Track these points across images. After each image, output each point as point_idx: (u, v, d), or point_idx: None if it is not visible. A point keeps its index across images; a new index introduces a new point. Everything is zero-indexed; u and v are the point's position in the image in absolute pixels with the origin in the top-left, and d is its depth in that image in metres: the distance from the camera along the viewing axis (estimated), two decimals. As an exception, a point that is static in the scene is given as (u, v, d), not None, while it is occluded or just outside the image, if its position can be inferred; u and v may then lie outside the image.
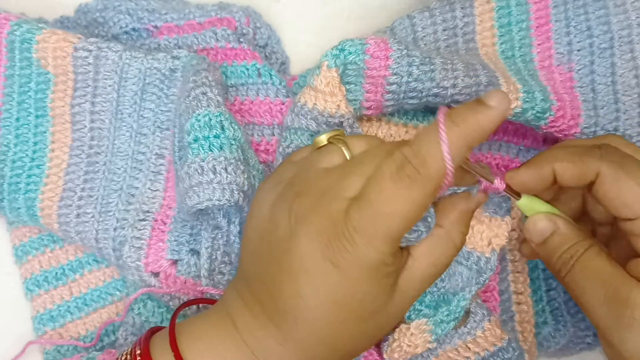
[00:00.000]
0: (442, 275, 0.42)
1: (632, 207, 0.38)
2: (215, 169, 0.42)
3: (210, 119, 0.43)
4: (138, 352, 0.38)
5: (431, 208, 0.38)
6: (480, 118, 0.33)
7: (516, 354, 0.44)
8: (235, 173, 0.42)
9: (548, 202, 0.42)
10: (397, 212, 0.34)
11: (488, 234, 0.42)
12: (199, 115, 0.43)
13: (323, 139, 0.40)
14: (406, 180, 0.34)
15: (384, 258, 0.35)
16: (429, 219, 0.37)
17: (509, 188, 0.40)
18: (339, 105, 0.43)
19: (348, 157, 0.38)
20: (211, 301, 0.44)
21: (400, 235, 0.35)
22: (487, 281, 0.42)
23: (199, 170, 0.42)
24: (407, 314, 0.43)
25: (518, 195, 0.41)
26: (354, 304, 0.35)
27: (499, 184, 0.39)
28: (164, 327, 0.41)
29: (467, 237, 0.41)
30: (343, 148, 0.38)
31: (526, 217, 0.42)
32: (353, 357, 0.39)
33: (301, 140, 0.45)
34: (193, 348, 0.38)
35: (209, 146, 0.42)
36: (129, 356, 0.38)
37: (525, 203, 0.41)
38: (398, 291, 0.37)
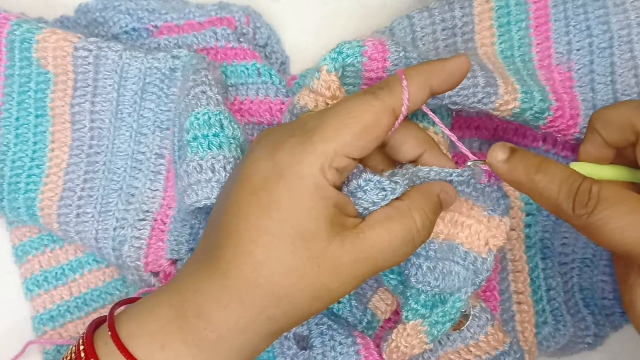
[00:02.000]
0: (437, 274, 0.41)
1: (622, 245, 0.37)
2: (214, 167, 0.42)
3: (210, 118, 0.43)
4: (82, 347, 0.37)
5: (397, 185, 0.38)
6: (439, 62, 0.38)
7: (517, 356, 0.44)
8: (238, 167, 0.42)
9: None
10: (355, 114, 0.36)
11: (486, 234, 0.41)
12: (198, 113, 0.43)
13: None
14: (369, 94, 0.37)
15: (327, 166, 0.35)
16: (388, 191, 0.37)
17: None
18: None
19: None
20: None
21: (351, 144, 0.35)
22: (483, 282, 0.41)
23: (198, 169, 0.42)
24: (404, 315, 0.43)
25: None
26: (287, 217, 0.35)
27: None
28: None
29: (465, 236, 0.40)
30: None
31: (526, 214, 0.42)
32: (292, 314, 0.36)
33: None
34: (132, 321, 0.37)
35: (208, 144, 0.42)
36: (74, 350, 0.38)
37: (577, 170, 0.40)
38: (340, 239, 0.35)
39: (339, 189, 0.37)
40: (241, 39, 0.49)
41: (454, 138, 0.41)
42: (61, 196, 0.49)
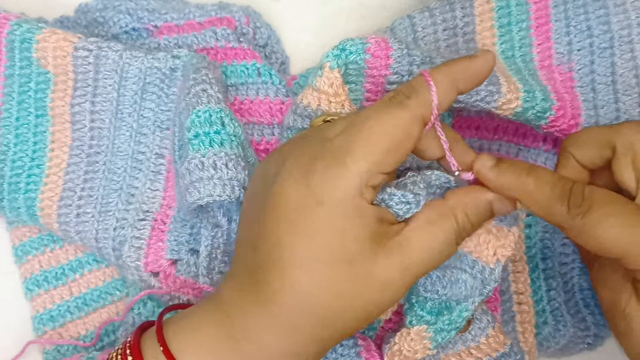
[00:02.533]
0: (445, 282, 0.41)
1: (614, 247, 0.37)
2: (216, 164, 0.42)
3: (211, 115, 0.43)
4: (128, 351, 0.38)
5: (423, 189, 0.37)
6: (465, 61, 0.37)
7: (517, 357, 0.44)
8: (236, 169, 0.42)
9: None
10: (384, 130, 0.35)
11: (495, 244, 0.41)
12: (199, 111, 0.43)
13: (319, 120, 0.40)
14: (396, 104, 0.35)
15: (363, 186, 0.34)
16: (420, 196, 0.37)
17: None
18: (343, 105, 0.43)
19: None
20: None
21: (383, 160, 0.35)
22: (490, 293, 0.41)
23: (200, 166, 0.42)
24: (408, 319, 0.43)
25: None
26: (328, 240, 0.34)
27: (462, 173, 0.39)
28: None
29: (474, 244, 0.40)
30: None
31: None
32: (336, 334, 0.37)
33: None
34: (178, 329, 0.37)
35: (210, 142, 0.42)
36: (120, 352, 0.38)
37: None
38: (386, 253, 0.35)
39: None
40: (241, 39, 0.49)
41: (445, 146, 0.40)
42: (61, 196, 0.48)
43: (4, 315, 0.51)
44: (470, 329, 0.43)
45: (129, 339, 0.38)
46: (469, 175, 0.39)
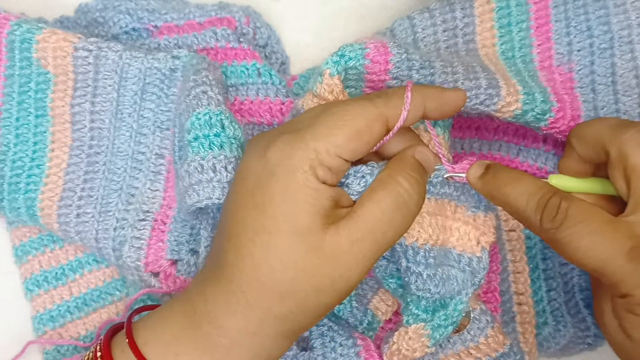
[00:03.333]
0: (436, 281, 0.41)
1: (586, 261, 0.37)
2: (215, 167, 0.42)
3: (211, 118, 0.43)
4: (98, 347, 0.38)
5: (374, 169, 0.38)
6: (439, 92, 0.40)
7: (517, 358, 0.44)
8: (235, 172, 0.42)
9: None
10: (349, 117, 0.36)
11: (475, 234, 0.42)
12: (199, 113, 0.43)
13: None
14: (366, 99, 0.37)
15: (317, 164, 0.35)
16: (374, 166, 0.38)
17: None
18: None
19: None
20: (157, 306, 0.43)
21: (343, 145, 0.36)
22: (482, 281, 0.42)
23: (199, 169, 0.42)
24: (405, 319, 0.43)
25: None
26: (280, 213, 0.35)
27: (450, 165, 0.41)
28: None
29: (455, 239, 0.41)
30: None
31: None
32: (302, 310, 0.36)
33: None
34: (148, 329, 0.38)
35: (209, 145, 0.42)
36: (90, 356, 0.38)
37: (556, 183, 0.40)
38: (335, 228, 0.35)
39: None
40: (241, 39, 0.49)
41: (440, 150, 0.41)
42: (61, 196, 0.48)
43: (4, 315, 0.51)
44: (469, 328, 0.43)
45: (100, 338, 0.39)
46: (462, 178, 0.41)
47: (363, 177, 0.38)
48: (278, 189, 0.35)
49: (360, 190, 0.38)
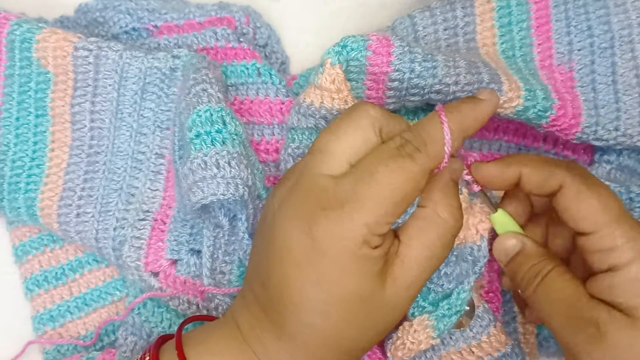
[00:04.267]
0: (451, 278, 0.42)
1: (590, 220, 0.37)
2: (218, 163, 0.41)
3: (212, 114, 0.43)
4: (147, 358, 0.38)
5: None
6: (473, 108, 0.37)
7: (519, 359, 0.44)
8: (238, 167, 0.42)
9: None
10: (395, 185, 0.34)
11: (473, 222, 0.42)
12: (200, 111, 0.43)
13: None
14: (406, 157, 0.35)
15: (370, 236, 0.34)
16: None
17: (487, 199, 0.41)
18: (346, 101, 0.43)
19: None
20: (212, 318, 0.44)
21: (392, 212, 0.35)
22: (482, 269, 0.42)
23: (202, 165, 0.42)
24: (410, 312, 0.43)
25: (495, 209, 0.41)
26: (339, 286, 0.35)
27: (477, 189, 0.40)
28: (173, 335, 0.41)
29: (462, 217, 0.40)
30: None
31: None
32: (357, 356, 0.38)
33: (310, 140, 0.45)
34: (198, 353, 0.38)
35: (212, 141, 0.42)
36: None
37: (500, 218, 0.41)
38: (392, 279, 0.36)
39: None
40: (241, 39, 0.49)
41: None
42: (61, 196, 0.48)
43: (4, 315, 0.51)
44: (471, 325, 0.43)
45: (148, 351, 0.39)
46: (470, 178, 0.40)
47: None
48: (332, 267, 0.34)
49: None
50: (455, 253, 0.42)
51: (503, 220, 0.41)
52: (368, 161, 0.35)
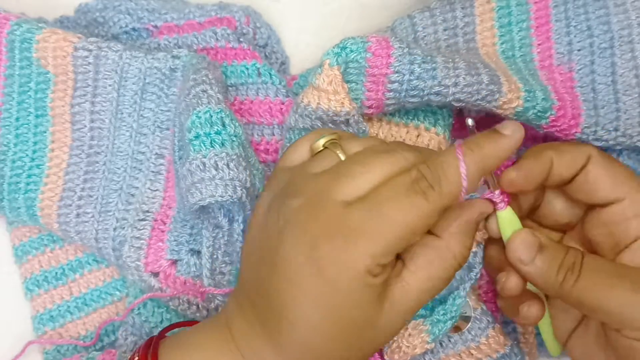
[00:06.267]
0: None
1: (626, 185, 0.38)
2: (217, 165, 0.42)
3: (211, 116, 0.43)
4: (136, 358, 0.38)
5: None
6: (495, 145, 0.36)
7: (518, 359, 0.44)
8: (237, 169, 0.42)
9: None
10: (404, 221, 0.34)
11: None
12: (199, 112, 0.43)
13: (320, 144, 0.39)
14: (420, 194, 0.34)
15: (373, 267, 0.34)
16: None
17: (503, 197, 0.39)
18: (343, 103, 0.43)
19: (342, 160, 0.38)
20: (195, 323, 0.43)
21: (398, 246, 0.34)
22: (478, 275, 0.42)
23: (201, 167, 0.42)
24: None
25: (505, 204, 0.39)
26: (338, 312, 0.35)
27: (498, 196, 0.38)
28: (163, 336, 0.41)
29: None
30: (338, 152, 0.38)
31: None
32: None
33: None
34: (188, 355, 0.38)
35: (211, 142, 0.42)
36: None
37: (508, 215, 0.39)
38: (390, 303, 0.35)
39: None
40: (241, 39, 0.49)
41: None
42: (61, 196, 0.48)
43: (4, 315, 0.51)
44: (470, 328, 0.43)
45: (137, 352, 0.39)
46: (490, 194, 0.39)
47: None
48: (334, 293, 0.34)
49: None
50: None
51: (511, 218, 0.39)
52: (381, 193, 0.35)
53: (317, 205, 0.35)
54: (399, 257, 0.36)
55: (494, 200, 0.38)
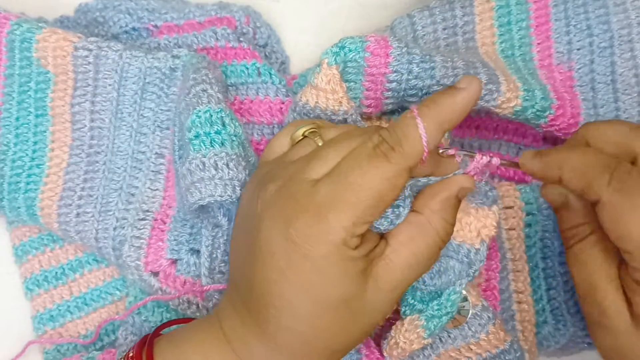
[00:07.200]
0: (432, 273, 0.41)
1: (631, 239, 0.36)
2: (217, 164, 0.42)
3: (211, 115, 0.43)
4: (131, 354, 0.39)
5: (407, 199, 0.37)
6: (451, 99, 0.36)
7: (517, 355, 0.44)
8: (237, 169, 0.42)
9: None
10: (369, 186, 0.34)
11: (476, 225, 0.41)
12: (199, 111, 0.43)
13: (299, 133, 0.40)
14: (381, 156, 0.34)
15: (348, 238, 0.34)
16: (401, 208, 0.37)
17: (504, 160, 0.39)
18: (340, 102, 0.43)
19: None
20: (189, 320, 0.44)
21: (369, 212, 0.34)
22: (477, 273, 0.42)
23: (201, 166, 0.42)
24: (402, 310, 0.43)
25: (516, 165, 0.39)
26: (321, 290, 0.35)
27: (480, 158, 0.38)
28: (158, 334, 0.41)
29: (456, 229, 0.40)
30: (316, 139, 0.38)
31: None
32: (340, 355, 0.38)
33: None
34: (181, 352, 0.38)
35: (210, 142, 0.42)
36: None
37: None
38: (374, 280, 0.36)
39: None
40: (241, 39, 0.49)
41: (454, 152, 0.39)
42: (61, 196, 0.48)
43: (4, 315, 0.51)
44: (470, 324, 0.43)
45: (132, 349, 0.39)
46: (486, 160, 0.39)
47: (387, 218, 0.36)
48: (314, 271, 0.34)
49: (384, 229, 0.37)
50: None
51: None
52: (344, 162, 0.35)
53: (291, 186, 0.35)
54: (383, 237, 0.37)
55: (482, 161, 0.38)
